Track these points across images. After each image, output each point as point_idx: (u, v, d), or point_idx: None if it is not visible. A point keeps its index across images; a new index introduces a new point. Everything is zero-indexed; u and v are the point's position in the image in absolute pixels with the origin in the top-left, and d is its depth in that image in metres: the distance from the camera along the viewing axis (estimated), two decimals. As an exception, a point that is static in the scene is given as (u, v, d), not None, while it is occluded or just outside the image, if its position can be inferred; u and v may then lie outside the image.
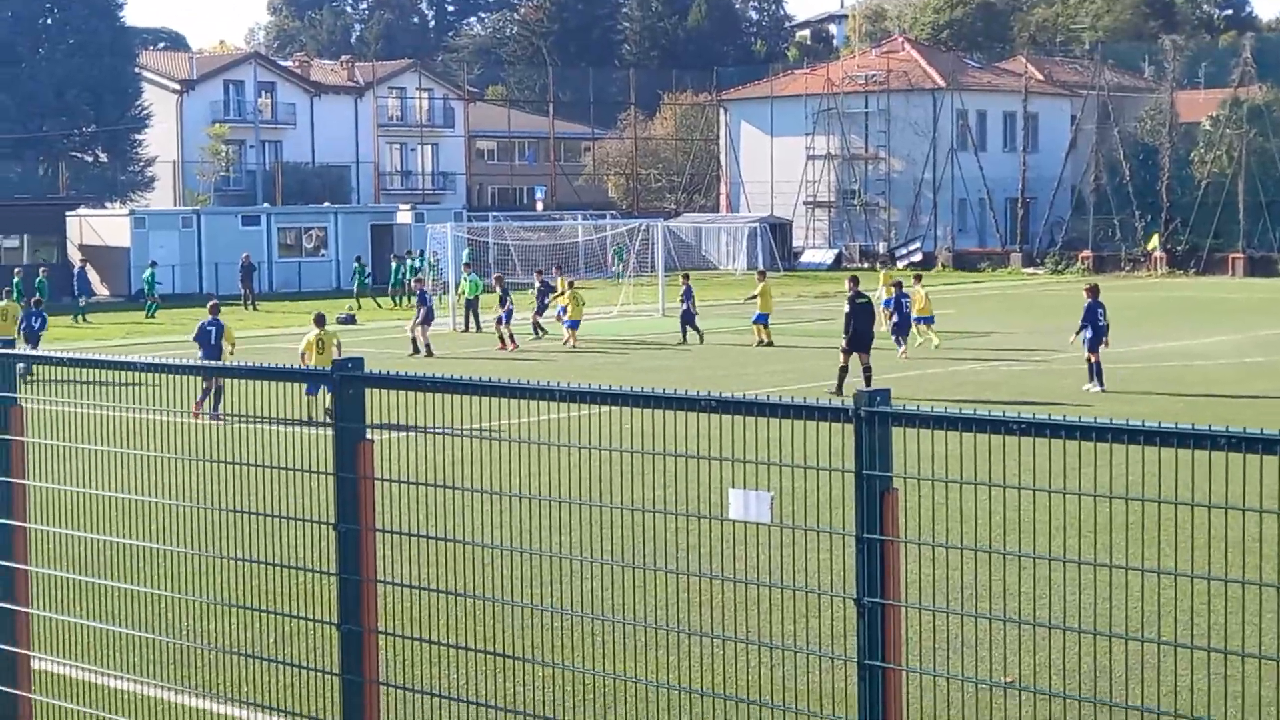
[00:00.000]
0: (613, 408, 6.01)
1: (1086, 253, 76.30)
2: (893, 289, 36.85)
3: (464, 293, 45.31)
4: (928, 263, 79.24)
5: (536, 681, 8.78)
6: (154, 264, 57.90)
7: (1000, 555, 5.32)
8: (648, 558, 6.08)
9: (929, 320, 37.48)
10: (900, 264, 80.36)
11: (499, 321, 39.63)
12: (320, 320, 27.93)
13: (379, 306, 56.20)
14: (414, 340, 38.68)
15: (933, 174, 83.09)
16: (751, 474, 5.68)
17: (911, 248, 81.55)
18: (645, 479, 5.98)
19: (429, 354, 37.41)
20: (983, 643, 7.45)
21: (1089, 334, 28.72)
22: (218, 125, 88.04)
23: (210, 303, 29.90)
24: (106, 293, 61.33)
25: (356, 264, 59.28)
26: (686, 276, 42.52)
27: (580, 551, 6.19)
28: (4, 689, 8.15)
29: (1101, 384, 28.28)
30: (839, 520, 5.39)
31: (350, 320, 48.35)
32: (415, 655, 7.18)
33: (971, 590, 5.64)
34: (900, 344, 35.13)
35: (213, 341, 27.63)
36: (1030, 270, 76.31)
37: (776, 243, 79.10)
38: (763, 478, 5.68)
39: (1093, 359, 28.64)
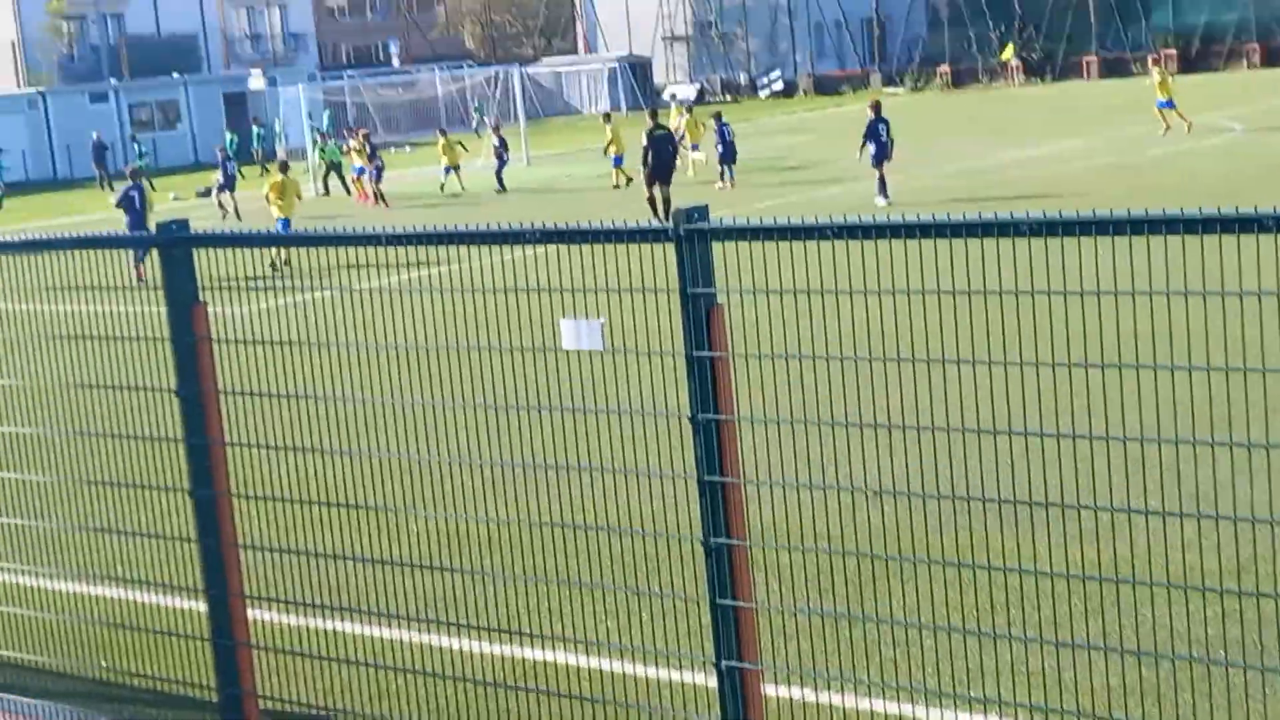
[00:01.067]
0: (451, 253, 5.98)
1: (945, 67, 76.63)
2: (711, 121, 38.16)
3: (323, 158, 44.75)
4: (789, 90, 79.24)
5: (405, 536, 8.84)
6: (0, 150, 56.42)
7: (832, 363, 5.39)
8: (489, 398, 6.11)
9: (695, 148, 40.64)
10: (762, 94, 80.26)
11: (361, 175, 39.53)
12: (284, 168, 31.07)
13: (242, 176, 55.26)
14: (220, 205, 39.76)
15: (788, 0, 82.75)
16: (580, 303, 5.70)
17: (772, 76, 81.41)
18: (480, 320, 6.00)
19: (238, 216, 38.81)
20: (826, 457, 7.60)
21: (873, 149, 30.02)
22: (55, 1, 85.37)
23: (130, 168, 32.15)
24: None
25: (229, 134, 58.14)
26: (497, 129, 44.18)
27: (427, 398, 6.20)
28: None
29: (887, 197, 29.52)
30: (669, 345, 5.43)
31: (207, 194, 47.46)
32: (278, 518, 7.18)
33: (805, 402, 5.76)
34: (726, 176, 36.48)
35: (137, 206, 28.73)
36: (891, 90, 76.52)
37: (637, 81, 78.59)
38: (592, 306, 5.70)
39: (878, 173, 29.80)
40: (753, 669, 5.53)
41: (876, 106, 30.98)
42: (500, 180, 40.83)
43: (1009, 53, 74.66)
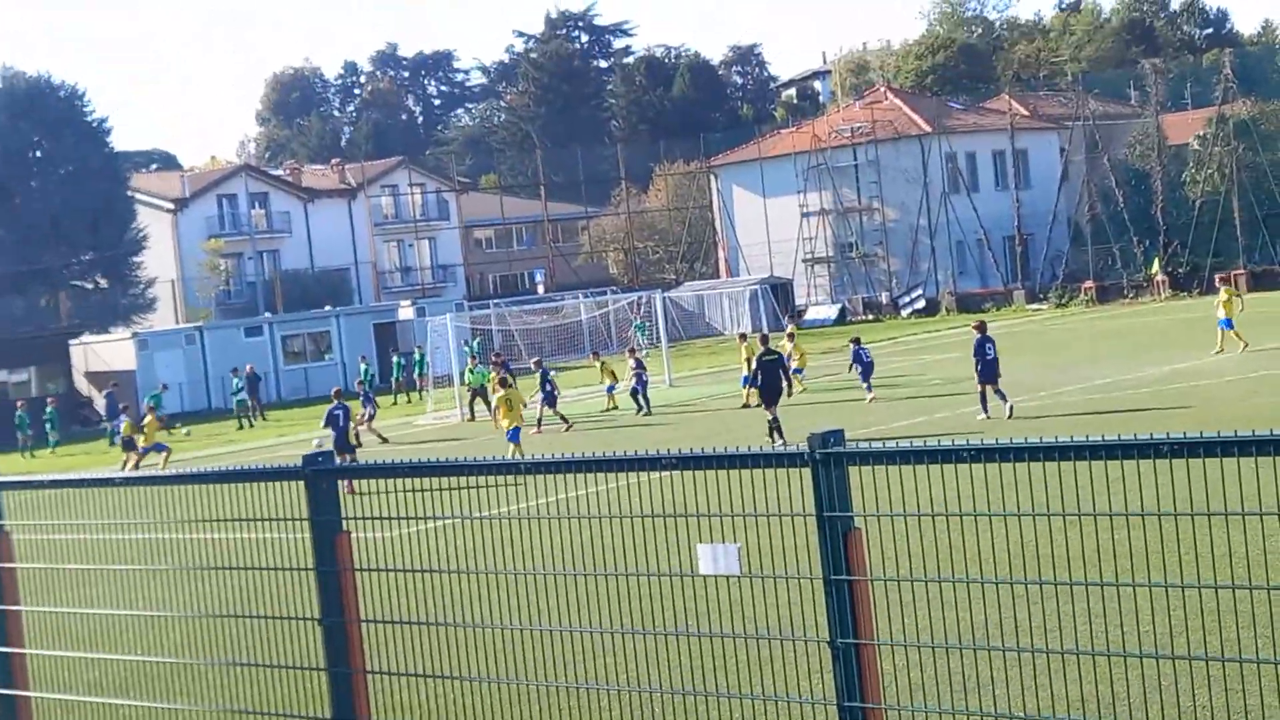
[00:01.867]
0: (590, 479, 6.05)
1: (1089, 283, 76.35)
2: (849, 345, 39.54)
3: (469, 383, 45.50)
4: (931, 308, 79.35)
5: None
6: (164, 388, 58.03)
7: (973, 585, 5.32)
8: (625, 622, 6.11)
9: (799, 372, 41.30)
10: (904, 312, 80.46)
11: (542, 403, 39.93)
12: (504, 382, 33.84)
13: (402, 402, 56.34)
14: (376, 434, 40.79)
15: (928, 219, 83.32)
16: (717, 528, 5.71)
17: (914, 294, 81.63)
18: (612, 544, 6.03)
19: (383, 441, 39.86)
20: (969, 676, 7.45)
21: (980, 367, 31.10)
22: (214, 240, 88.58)
23: (334, 389, 35.06)
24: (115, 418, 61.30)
25: (361, 363, 59.55)
26: (633, 351, 44.75)
27: (563, 623, 6.21)
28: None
29: (995, 410, 30.26)
30: (807, 567, 5.42)
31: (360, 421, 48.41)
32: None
33: (944, 625, 5.66)
34: (868, 390, 37.41)
35: (341, 424, 31.87)
36: (1034, 306, 76.33)
37: (779, 301, 79.26)
38: (729, 531, 5.71)
39: (981, 389, 30.97)
40: None
41: (982, 326, 32.43)
42: (643, 400, 40.94)
43: (1156, 267, 74.28)
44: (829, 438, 5.46)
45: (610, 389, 43.05)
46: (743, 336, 44.66)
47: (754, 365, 32.44)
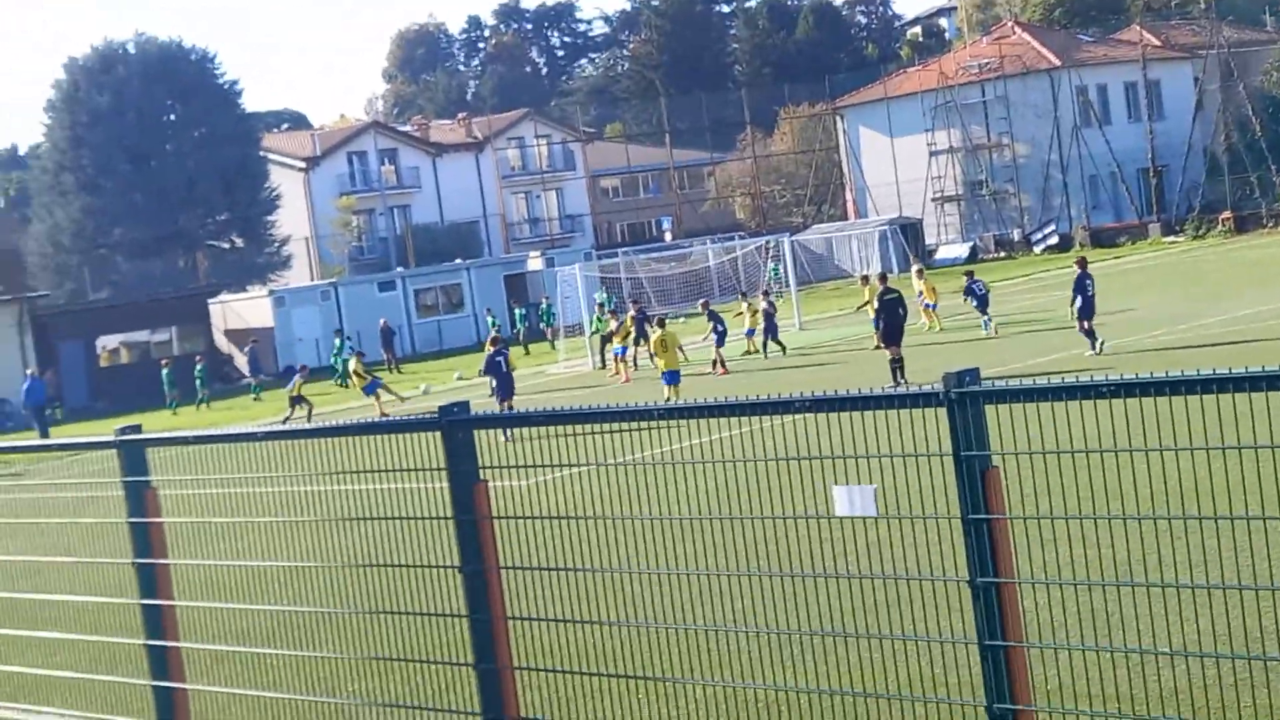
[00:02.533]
0: (723, 423, 6.04)
1: (1226, 214, 74.74)
2: (964, 279, 40.34)
3: (597, 330, 45.74)
4: (1064, 244, 78.19)
5: (683, 702, 8.82)
6: (340, 334, 58.24)
7: (1114, 521, 5.25)
8: (760, 565, 6.11)
9: (932, 306, 41.97)
10: (1037, 249, 79.34)
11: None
12: (661, 322, 33.83)
13: (526, 353, 56.79)
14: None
15: (1059, 154, 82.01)
16: (852, 470, 5.68)
17: (1047, 231, 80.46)
18: (746, 488, 6.02)
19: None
20: (1112, 613, 7.36)
21: (1079, 303, 31.40)
22: (345, 197, 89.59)
23: (492, 335, 34.83)
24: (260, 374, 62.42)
25: (488, 316, 59.94)
26: (765, 294, 44.97)
27: (700, 567, 6.23)
28: (172, 764, 8.37)
29: (1095, 348, 30.42)
30: (944, 507, 5.38)
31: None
32: (560, 690, 7.26)
33: (1085, 561, 5.59)
34: (987, 322, 38.20)
35: (503, 370, 31.25)
36: (1170, 239, 74.93)
37: (908, 242, 78.47)
38: (864, 473, 5.68)
39: (1085, 325, 31.15)
40: (1045, 840, 5.35)
41: (1082, 262, 32.78)
42: (779, 342, 41.10)
43: (1294, 194, 72.56)
44: (964, 376, 5.41)
45: (749, 333, 42.86)
46: (865, 279, 44.49)
47: (876, 305, 32.37)
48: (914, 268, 48.30)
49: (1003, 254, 79.83)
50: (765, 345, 41.23)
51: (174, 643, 8.45)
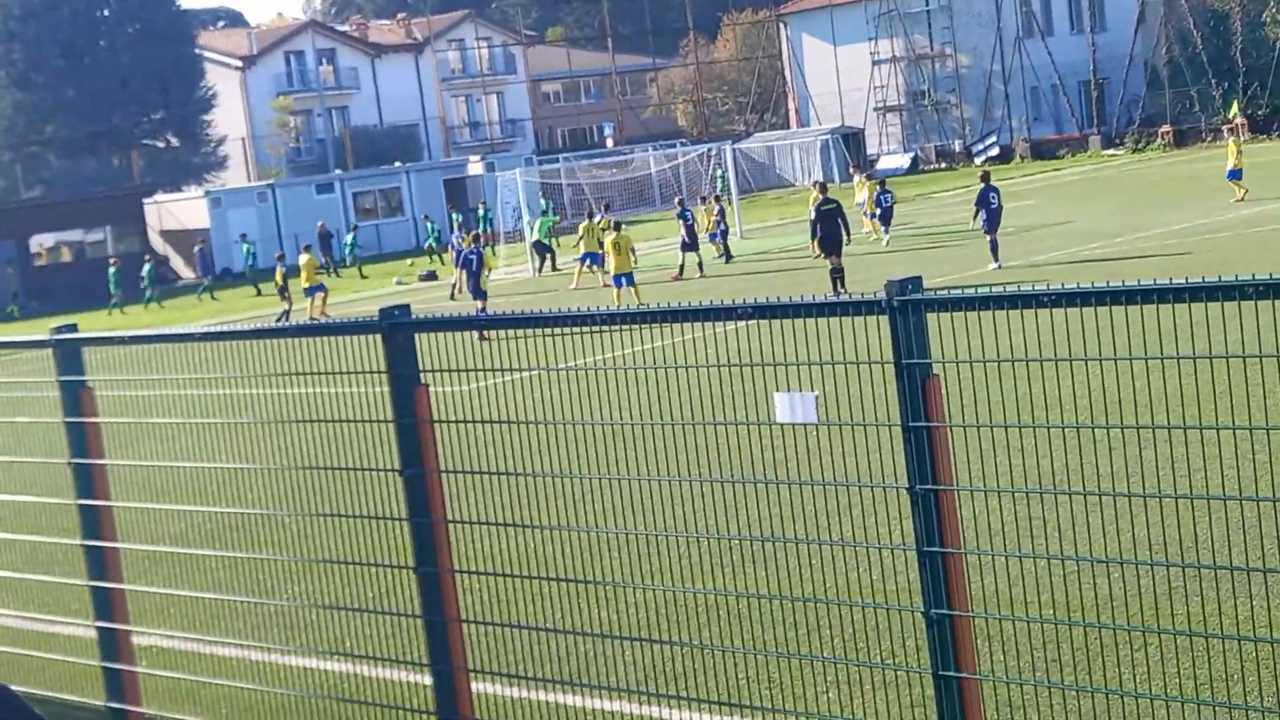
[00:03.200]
0: (666, 330, 6.04)
1: (1166, 128, 75.08)
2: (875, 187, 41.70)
3: (536, 234, 45.55)
4: (1005, 156, 78.37)
5: (622, 606, 8.89)
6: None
7: (1053, 431, 5.29)
8: (702, 472, 6.13)
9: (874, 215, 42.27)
10: (978, 160, 79.49)
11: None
12: (617, 226, 33.35)
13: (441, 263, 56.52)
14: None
15: (1002, 65, 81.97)
16: (794, 377, 5.70)
17: (988, 142, 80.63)
18: (689, 396, 6.04)
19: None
20: (1049, 522, 7.46)
21: (984, 216, 32.37)
22: (282, 98, 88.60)
23: (471, 233, 35.54)
24: (192, 275, 61.98)
25: (427, 222, 59.52)
26: (717, 199, 45.62)
27: (640, 472, 6.25)
28: (110, 664, 8.38)
29: (998, 261, 31.28)
30: (884, 415, 5.40)
31: (432, 276, 48.59)
32: (500, 593, 7.30)
33: (1024, 471, 5.65)
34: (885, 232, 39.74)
35: (474, 268, 31.72)
36: (1110, 152, 75.25)
37: (850, 151, 78.45)
38: (805, 381, 5.70)
39: (990, 238, 31.95)
40: (978, 742, 5.43)
41: (985, 176, 33.94)
42: (726, 249, 41.35)
43: (1235, 110, 72.84)
44: (907, 284, 5.41)
45: (712, 236, 42.87)
46: (817, 184, 44.71)
47: (812, 215, 32.67)
48: (855, 177, 48.63)
49: (944, 165, 79.96)
50: (722, 245, 41.55)
51: (112, 543, 8.42)
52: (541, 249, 45.09)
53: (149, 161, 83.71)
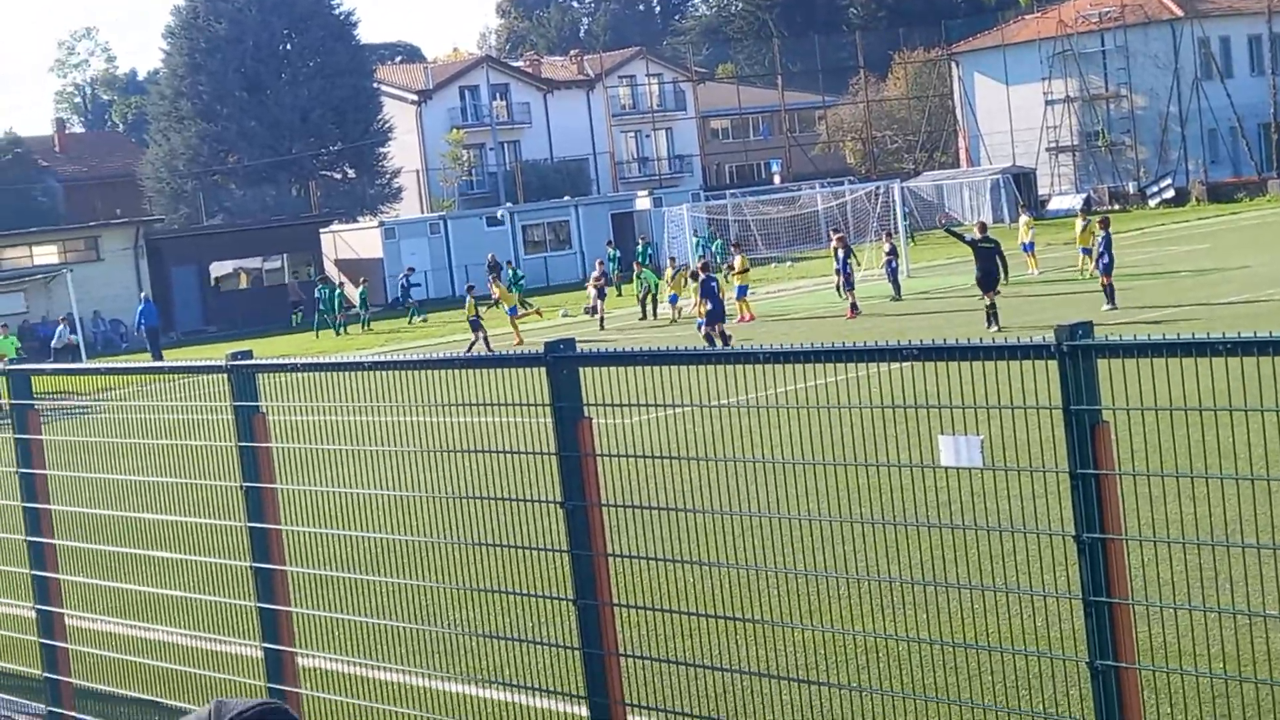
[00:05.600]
0: (829, 368, 6.01)
1: (1349, 172, 73.09)
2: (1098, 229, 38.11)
3: (644, 281, 45.39)
4: (1180, 198, 76.88)
5: (780, 645, 8.85)
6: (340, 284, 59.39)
7: (1227, 481, 5.17)
8: (863, 513, 6.09)
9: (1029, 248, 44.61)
10: (1152, 202, 78.08)
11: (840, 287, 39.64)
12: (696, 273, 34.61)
13: (619, 294, 56.80)
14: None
15: (1179, 107, 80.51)
16: (959, 420, 5.63)
17: (1163, 184, 79.15)
18: (851, 435, 6.00)
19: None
20: (1221, 573, 7.28)
21: (1105, 261, 33.23)
22: (456, 131, 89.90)
23: (701, 261, 37.93)
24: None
25: (610, 248, 59.80)
26: (889, 236, 45.38)
27: (800, 511, 6.22)
28: (275, 685, 8.53)
29: (1114, 304, 32.45)
30: (1051, 461, 5.32)
31: (593, 311, 48.86)
32: (657, 628, 7.30)
33: (1195, 520, 5.52)
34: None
35: (716, 294, 33.31)
36: (1291, 196, 73.43)
37: (1021, 191, 77.49)
38: (971, 424, 5.63)
39: (1105, 282, 32.96)
40: (1141, 798, 5.31)
41: (1105, 223, 35.08)
42: (896, 286, 41.29)
43: None
44: (1077, 330, 5.34)
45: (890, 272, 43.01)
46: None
47: (974, 253, 33.20)
48: (1022, 217, 48.25)
49: (1116, 206, 78.63)
50: (892, 284, 42.04)
51: (279, 566, 8.59)
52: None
53: (326, 192, 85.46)
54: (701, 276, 34.39)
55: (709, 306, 33.34)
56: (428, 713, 8.66)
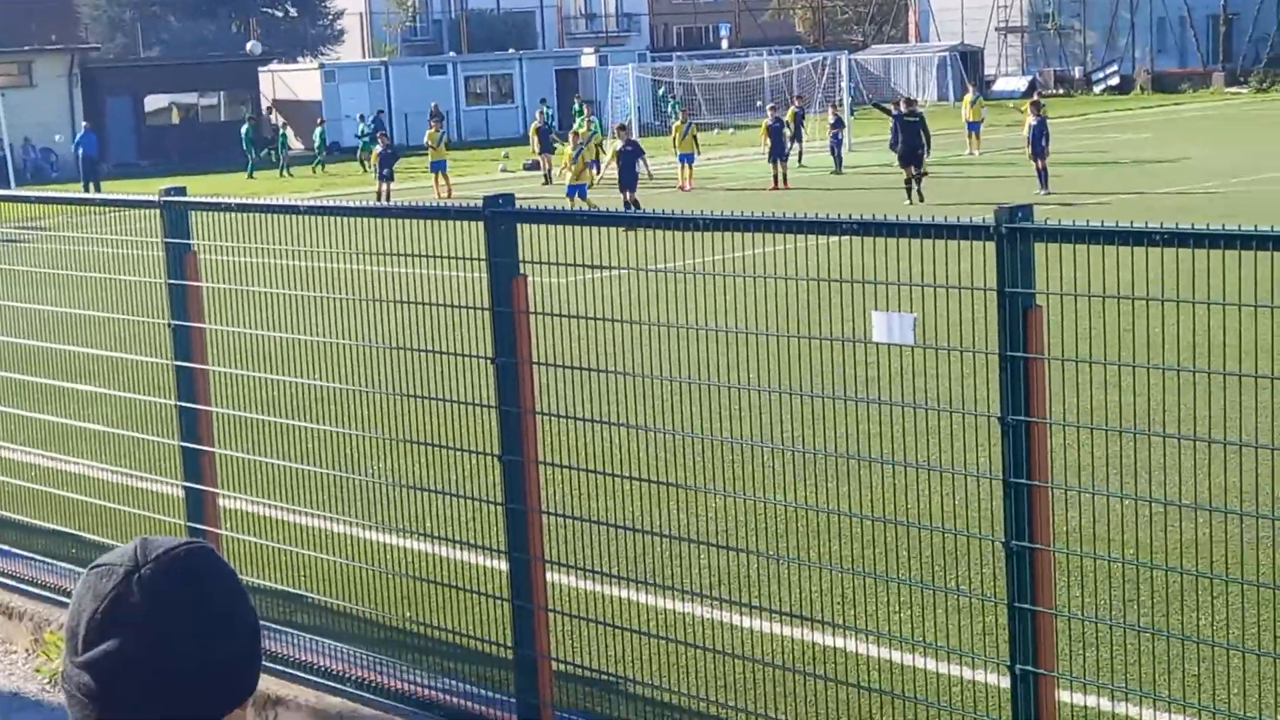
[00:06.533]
0: (765, 237, 5.98)
1: (1293, 69, 73.25)
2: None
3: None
4: (1125, 86, 76.91)
5: (701, 510, 8.92)
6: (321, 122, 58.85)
7: (1153, 370, 5.21)
8: (795, 385, 6.12)
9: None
10: (1097, 89, 78.06)
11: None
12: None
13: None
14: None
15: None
16: (891, 296, 5.65)
17: (1109, 71, 79.09)
18: (783, 306, 6.00)
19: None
20: (1141, 460, 7.38)
21: (1041, 145, 32.91)
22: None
23: (616, 125, 37.59)
24: (300, 146, 62.25)
25: (542, 106, 59.24)
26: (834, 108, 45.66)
27: (729, 380, 6.23)
28: (195, 525, 8.53)
29: (1046, 188, 31.92)
30: (981, 342, 5.35)
31: (535, 166, 48.50)
32: (581, 487, 7.33)
33: (1119, 408, 5.58)
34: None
35: (635, 167, 32.69)
36: (1234, 90, 73.60)
37: (967, 71, 77.22)
38: (904, 301, 5.64)
39: (1040, 166, 32.69)
40: (1048, 675, 5.42)
41: (1037, 106, 34.68)
42: (838, 160, 41.34)
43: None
44: (1017, 212, 5.34)
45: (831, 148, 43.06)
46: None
47: (893, 125, 33.95)
48: (966, 96, 48.21)
49: (1061, 91, 78.57)
50: (834, 157, 42.10)
51: (205, 406, 8.55)
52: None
53: (266, 30, 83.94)
54: (619, 142, 33.80)
55: (619, 175, 32.83)
56: (347, 559, 8.69)
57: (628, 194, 32.58)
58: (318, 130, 57.32)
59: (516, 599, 7.01)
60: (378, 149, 41.25)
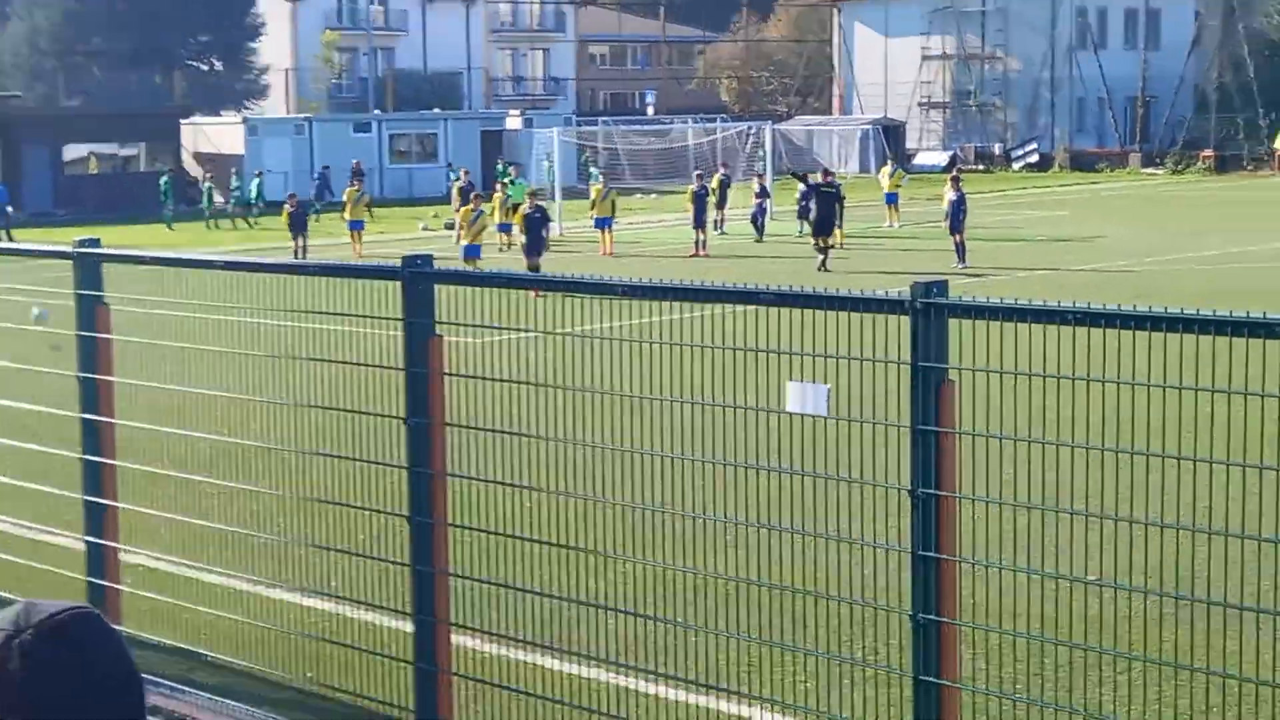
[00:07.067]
0: (684, 305, 5.97)
1: (1208, 152, 74.65)
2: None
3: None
4: (1044, 164, 78.02)
5: (610, 576, 8.87)
6: (260, 174, 58.58)
7: (1062, 448, 5.24)
8: (709, 452, 6.12)
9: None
10: (1016, 165, 79.13)
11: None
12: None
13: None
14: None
15: (1051, 73, 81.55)
16: (803, 366, 5.66)
17: (1028, 148, 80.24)
18: (698, 374, 6.00)
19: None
20: (1048, 537, 7.42)
21: (952, 219, 33.43)
22: (330, 33, 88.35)
23: (529, 190, 35.64)
24: (220, 200, 61.88)
25: (450, 169, 59.13)
26: (759, 177, 46.17)
27: (641, 445, 6.22)
28: (95, 580, 8.38)
29: (964, 262, 32.30)
30: (895, 415, 5.37)
31: (452, 226, 48.41)
32: (492, 552, 7.27)
33: (1028, 484, 5.64)
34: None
35: (538, 230, 31.74)
36: (1149, 170, 74.87)
37: (890, 144, 78.12)
38: (819, 371, 5.66)
39: (957, 240, 33.01)
40: (952, 751, 5.41)
41: (956, 180, 34.78)
42: (758, 227, 42.22)
43: (1279, 141, 72.47)
44: (932, 287, 5.37)
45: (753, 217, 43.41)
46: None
47: (803, 189, 35.29)
48: (885, 168, 48.84)
49: (981, 167, 79.59)
50: (757, 226, 42.53)
51: (110, 460, 8.42)
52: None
53: (191, 83, 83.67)
54: (528, 207, 32.97)
55: (525, 240, 32.03)
56: (251, 619, 8.56)
57: (532, 258, 31.25)
58: (255, 182, 56.87)
59: (420, 662, 6.93)
60: (288, 208, 40.57)
